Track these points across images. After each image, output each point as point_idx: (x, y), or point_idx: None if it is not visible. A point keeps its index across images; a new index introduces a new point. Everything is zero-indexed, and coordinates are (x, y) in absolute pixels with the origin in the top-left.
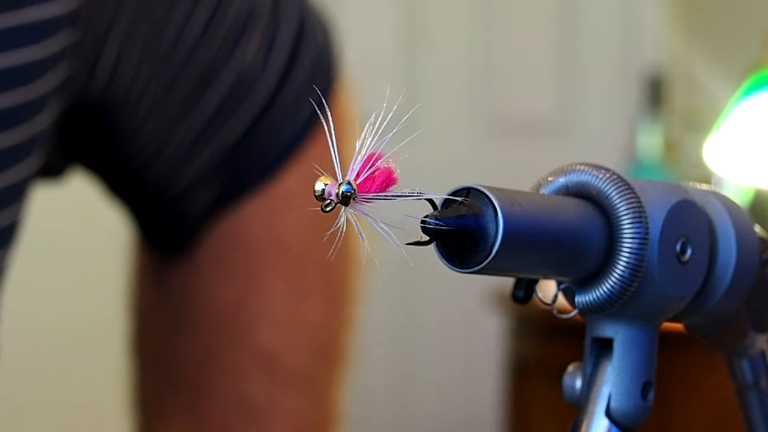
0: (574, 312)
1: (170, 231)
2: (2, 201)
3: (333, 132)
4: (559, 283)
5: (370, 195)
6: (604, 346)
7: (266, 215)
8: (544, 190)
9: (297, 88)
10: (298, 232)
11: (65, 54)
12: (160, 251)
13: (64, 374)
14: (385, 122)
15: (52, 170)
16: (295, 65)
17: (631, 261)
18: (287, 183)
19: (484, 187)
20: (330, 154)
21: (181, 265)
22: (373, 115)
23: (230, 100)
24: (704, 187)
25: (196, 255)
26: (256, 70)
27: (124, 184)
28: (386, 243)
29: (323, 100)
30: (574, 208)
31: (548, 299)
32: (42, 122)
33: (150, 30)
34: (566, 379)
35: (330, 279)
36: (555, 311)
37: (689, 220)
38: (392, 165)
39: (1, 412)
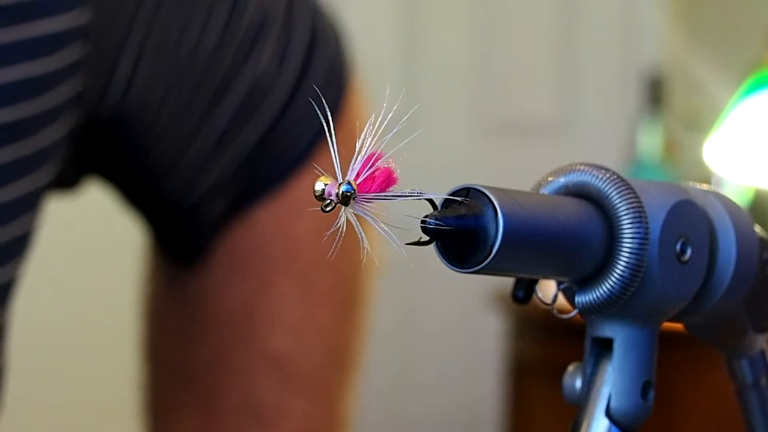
0: (574, 312)
1: (185, 239)
2: (14, 211)
3: (335, 133)
4: (559, 283)
5: (370, 195)
6: (604, 346)
7: (279, 221)
8: (544, 190)
9: (310, 94)
10: (310, 237)
11: (77, 67)
12: (174, 258)
13: (76, 376)
14: (385, 122)
15: (67, 182)
16: (309, 72)
17: (631, 261)
18: (300, 189)
19: (484, 187)
20: (343, 159)
21: (194, 269)
22: (373, 115)
23: (246, 108)
24: (704, 187)
25: (209, 260)
26: (271, 77)
27: (140, 194)
28: (386, 243)
29: (336, 106)
30: (574, 208)
31: (548, 299)
32: (54, 134)
33: (167, 43)
34: (566, 379)
35: (341, 284)
36: (555, 311)
37: (689, 220)
38: (392, 165)
39: (14, 411)
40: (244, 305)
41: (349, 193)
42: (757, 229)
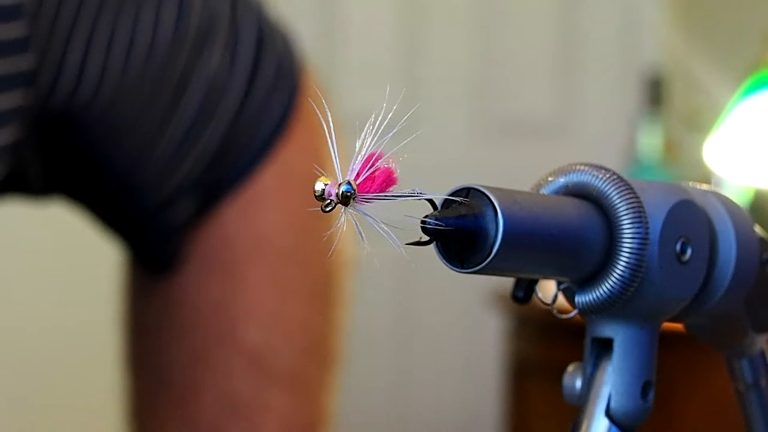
0: (574, 312)
1: (157, 245)
2: None
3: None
4: (559, 283)
5: (370, 195)
6: (604, 346)
7: (244, 215)
8: (544, 190)
9: (263, 91)
10: (277, 230)
11: (21, 44)
12: (149, 268)
13: (62, 381)
14: (385, 122)
15: (31, 188)
16: (259, 70)
17: (631, 261)
18: (262, 182)
19: (484, 187)
20: (303, 152)
21: (169, 274)
22: (373, 115)
23: (205, 107)
24: (704, 187)
25: (181, 262)
26: (224, 76)
27: (108, 201)
28: (386, 243)
29: (290, 104)
30: (574, 208)
31: (548, 299)
32: None
33: (118, 37)
34: (566, 379)
35: (314, 276)
36: (555, 311)
37: (689, 220)
38: (392, 165)
39: (4, 413)
40: (217, 302)
41: (349, 193)
42: (757, 229)
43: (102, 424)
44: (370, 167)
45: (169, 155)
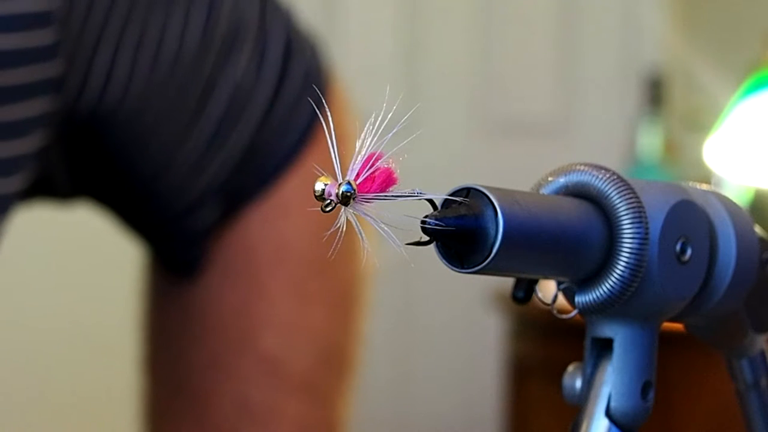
0: (574, 312)
1: (179, 251)
2: None
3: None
4: (559, 283)
5: (370, 195)
6: (604, 346)
7: (267, 223)
8: (544, 190)
9: (290, 98)
10: (300, 238)
11: (51, 51)
12: (171, 271)
13: (76, 381)
14: (385, 122)
15: (58, 191)
16: (287, 77)
17: (631, 261)
18: (287, 191)
19: (484, 187)
20: (327, 161)
21: (190, 278)
22: (373, 115)
23: (231, 112)
24: (704, 187)
25: (202, 266)
26: (251, 81)
27: (133, 204)
28: (386, 243)
29: (318, 109)
30: (574, 208)
31: (548, 299)
32: (26, 111)
33: (147, 41)
34: (566, 379)
35: (335, 285)
36: (555, 311)
37: (689, 220)
38: (392, 165)
39: (18, 415)
40: (236, 307)
41: (349, 193)
42: (757, 229)
43: (118, 426)
44: (370, 167)
45: (194, 160)
